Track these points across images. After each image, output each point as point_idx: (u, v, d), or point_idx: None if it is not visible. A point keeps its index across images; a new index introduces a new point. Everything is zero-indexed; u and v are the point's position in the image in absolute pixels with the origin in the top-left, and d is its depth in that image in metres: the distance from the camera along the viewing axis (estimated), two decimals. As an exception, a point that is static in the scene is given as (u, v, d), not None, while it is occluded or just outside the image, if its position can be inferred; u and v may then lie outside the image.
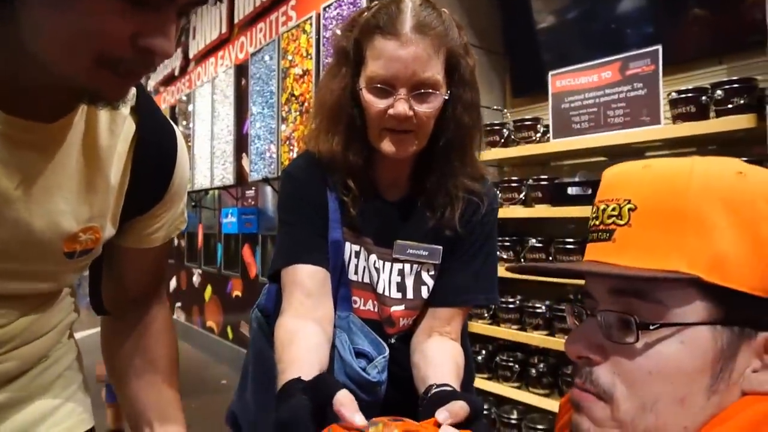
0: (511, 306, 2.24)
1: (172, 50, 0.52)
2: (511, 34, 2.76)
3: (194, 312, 5.23)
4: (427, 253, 1.00)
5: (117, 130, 0.69)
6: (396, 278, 1.01)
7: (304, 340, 0.88)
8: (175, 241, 5.76)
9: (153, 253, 0.81)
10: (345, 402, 0.67)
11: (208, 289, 4.96)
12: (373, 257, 1.02)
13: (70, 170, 0.64)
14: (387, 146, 0.95)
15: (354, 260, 1.02)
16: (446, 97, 0.94)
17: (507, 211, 2.29)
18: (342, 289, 1.02)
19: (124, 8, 0.48)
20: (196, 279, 5.23)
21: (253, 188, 4.23)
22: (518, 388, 2.20)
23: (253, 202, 4.22)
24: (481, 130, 1.05)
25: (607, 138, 2.05)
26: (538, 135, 2.32)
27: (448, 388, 0.81)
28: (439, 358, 0.94)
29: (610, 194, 0.54)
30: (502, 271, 2.28)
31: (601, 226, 0.53)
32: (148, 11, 0.50)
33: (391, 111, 0.91)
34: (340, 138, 0.99)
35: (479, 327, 2.32)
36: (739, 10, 1.96)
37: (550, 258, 2.14)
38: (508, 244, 2.29)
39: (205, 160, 5.00)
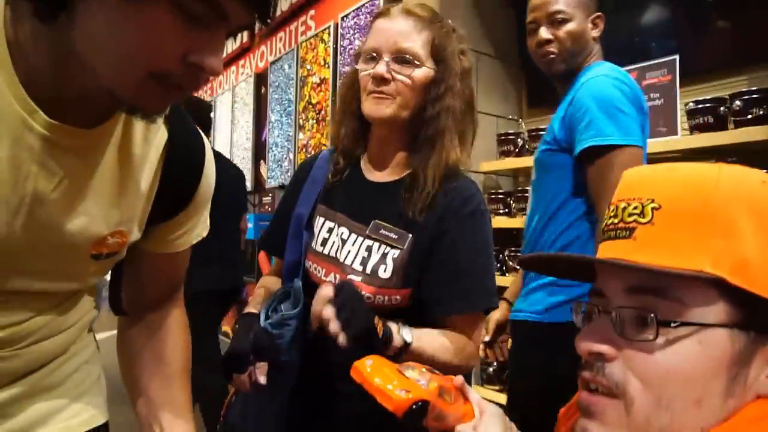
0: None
1: (220, 68, 0.54)
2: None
3: (211, 317, 5.26)
4: (396, 236, 1.03)
5: (151, 138, 0.70)
6: (363, 253, 1.05)
7: (265, 287, 1.16)
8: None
9: (174, 258, 0.83)
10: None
11: (225, 295, 4.98)
12: (343, 229, 1.08)
13: (105, 175, 0.65)
14: (367, 106, 1.05)
15: (325, 234, 1.10)
16: (431, 72, 1.04)
17: (520, 221, 2.27)
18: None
19: (179, 25, 0.50)
20: (213, 284, 5.26)
21: (270, 195, 4.27)
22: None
23: (269, 209, 4.25)
24: (473, 123, 1.11)
25: (622, 148, 2.01)
26: (553, 145, 2.30)
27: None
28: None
29: (632, 193, 0.53)
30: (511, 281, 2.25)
31: (621, 224, 0.53)
32: (200, 29, 0.51)
33: (371, 71, 1.03)
34: (344, 118, 1.13)
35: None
36: (762, 19, 1.92)
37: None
38: (520, 254, 2.26)
39: (224, 166, 5.06)
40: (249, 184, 4.60)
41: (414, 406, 0.60)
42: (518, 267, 2.27)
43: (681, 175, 0.53)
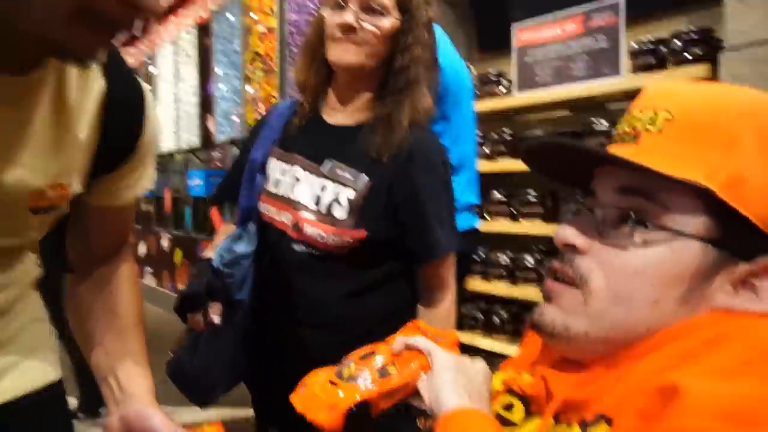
0: (476, 258, 2.29)
1: (159, 6, 0.51)
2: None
3: (165, 276, 5.20)
4: (351, 177, 1.05)
5: (87, 87, 0.67)
6: (317, 191, 1.06)
7: (224, 234, 1.17)
8: (142, 206, 5.66)
9: (120, 212, 0.82)
10: None
11: (178, 253, 4.92)
12: (297, 168, 1.10)
13: (40, 126, 0.63)
14: (333, 53, 1.05)
15: (278, 175, 1.11)
16: (397, 22, 1.05)
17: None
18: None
19: None
20: (165, 243, 5.18)
21: (220, 150, 4.17)
22: (483, 336, 2.27)
23: (219, 164, 4.16)
24: (435, 76, 1.13)
25: (569, 91, 2.07)
26: (503, 89, 2.33)
27: None
28: None
29: (650, 102, 0.53)
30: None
31: (629, 129, 0.53)
32: None
33: (338, 19, 1.03)
34: (308, 61, 1.13)
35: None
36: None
37: (513, 210, 2.17)
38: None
39: (169, 122, 4.89)
40: (197, 140, 4.48)
41: (352, 411, 0.58)
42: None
43: (702, 90, 0.53)
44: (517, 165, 2.16)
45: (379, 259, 1.09)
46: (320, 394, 0.61)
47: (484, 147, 2.29)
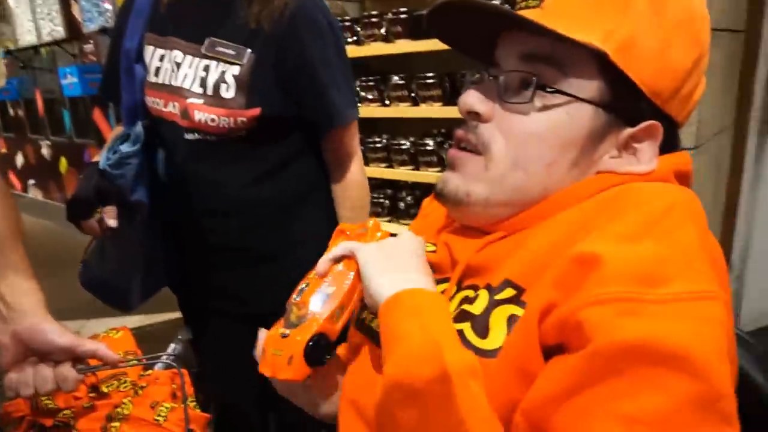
0: (378, 145, 2.28)
1: None
2: None
3: (51, 188, 4.82)
4: (234, 52, 0.99)
5: None
6: (201, 73, 1.00)
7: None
8: (11, 111, 5.06)
9: None
10: None
11: (63, 161, 4.53)
12: (176, 53, 1.02)
13: None
14: None
15: (157, 63, 1.03)
16: None
17: (369, 49, 2.22)
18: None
19: None
20: (45, 151, 4.73)
21: (92, 41, 3.71)
22: (389, 221, 2.33)
23: (94, 58, 3.73)
24: None
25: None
26: (397, -37, 2.19)
27: None
28: None
29: None
30: (368, 111, 2.28)
31: None
32: None
33: None
34: None
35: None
36: None
37: (412, 94, 2.15)
38: (371, 83, 2.25)
39: (24, 10, 4.24)
40: (62, 30, 3.95)
41: (309, 348, 0.55)
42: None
43: None
44: (414, 45, 2.10)
45: (279, 136, 1.05)
46: (277, 352, 0.57)
47: (381, 30, 2.19)
